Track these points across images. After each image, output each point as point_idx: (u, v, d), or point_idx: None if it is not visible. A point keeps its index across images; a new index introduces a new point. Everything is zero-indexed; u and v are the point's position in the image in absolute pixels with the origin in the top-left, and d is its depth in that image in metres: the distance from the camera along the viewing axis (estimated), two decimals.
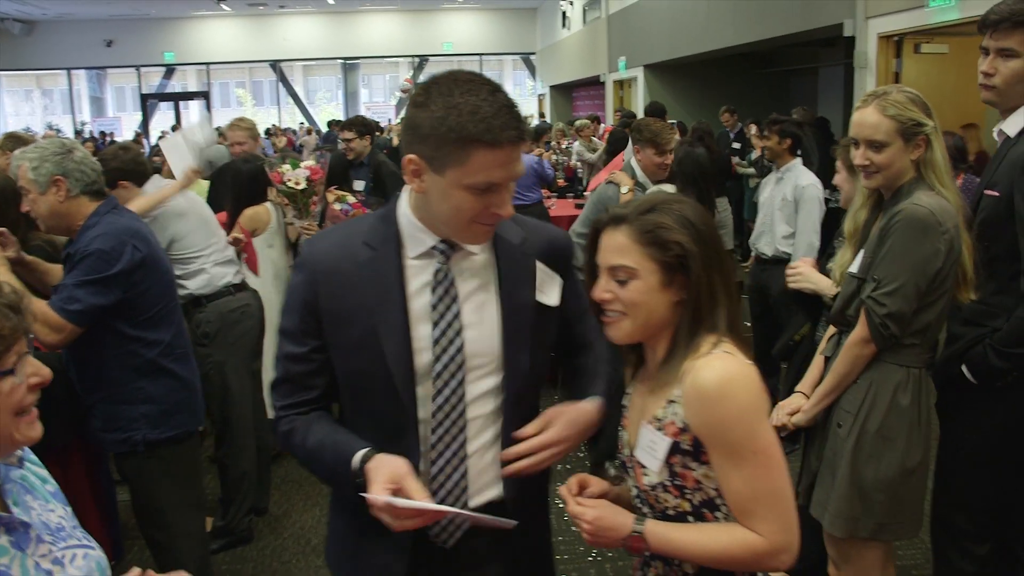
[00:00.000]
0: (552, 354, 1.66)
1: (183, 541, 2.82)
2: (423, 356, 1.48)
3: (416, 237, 1.49)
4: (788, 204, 4.51)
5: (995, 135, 2.39)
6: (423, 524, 1.39)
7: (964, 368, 2.32)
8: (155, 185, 3.62)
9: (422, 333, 1.48)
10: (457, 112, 1.32)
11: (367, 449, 1.44)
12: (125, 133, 22.41)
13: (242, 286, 3.72)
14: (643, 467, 1.45)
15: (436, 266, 1.49)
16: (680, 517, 1.44)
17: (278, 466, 4.49)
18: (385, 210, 1.55)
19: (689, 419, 1.38)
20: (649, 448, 1.43)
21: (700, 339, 1.41)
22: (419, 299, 1.49)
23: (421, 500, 1.34)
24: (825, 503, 2.28)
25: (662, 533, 1.40)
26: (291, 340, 1.54)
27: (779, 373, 5.14)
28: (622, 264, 1.41)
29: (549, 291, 1.56)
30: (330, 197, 4.10)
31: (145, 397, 2.65)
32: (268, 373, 4.33)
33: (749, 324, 5.24)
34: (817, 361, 2.45)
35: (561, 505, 1.50)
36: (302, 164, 4.05)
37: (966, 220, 2.19)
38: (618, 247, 1.41)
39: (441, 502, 1.51)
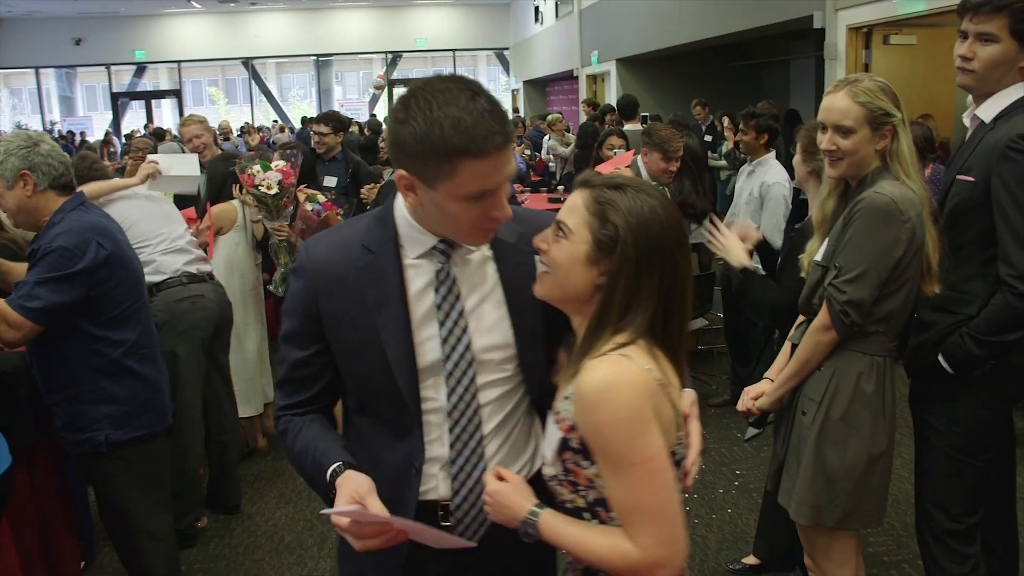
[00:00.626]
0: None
1: (149, 543, 2.77)
2: (428, 356, 1.48)
3: (414, 238, 1.48)
4: (754, 200, 4.56)
5: (966, 121, 2.37)
6: (385, 544, 1.38)
7: (941, 358, 2.29)
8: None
9: (427, 334, 1.48)
10: (439, 127, 1.28)
11: (338, 464, 1.44)
12: (96, 132, 22.15)
13: (198, 277, 3.65)
14: (543, 457, 1.45)
15: (437, 266, 1.48)
16: (576, 512, 1.41)
17: (251, 463, 4.46)
18: (382, 211, 1.54)
19: (576, 419, 1.34)
20: (549, 438, 1.42)
21: (605, 336, 1.36)
22: (422, 300, 1.48)
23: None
24: (791, 491, 2.29)
25: (554, 525, 1.38)
26: (294, 344, 1.54)
27: (751, 363, 5.17)
28: (564, 221, 1.39)
29: None
30: (300, 196, 4.04)
31: (108, 397, 2.59)
32: (247, 369, 4.30)
33: (721, 315, 5.27)
34: (785, 348, 2.45)
35: None
36: (273, 165, 3.94)
37: (932, 212, 2.19)
38: (571, 206, 1.40)
39: (467, 489, 1.52)
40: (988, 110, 2.27)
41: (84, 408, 2.59)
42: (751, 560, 3.25)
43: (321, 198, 4.11)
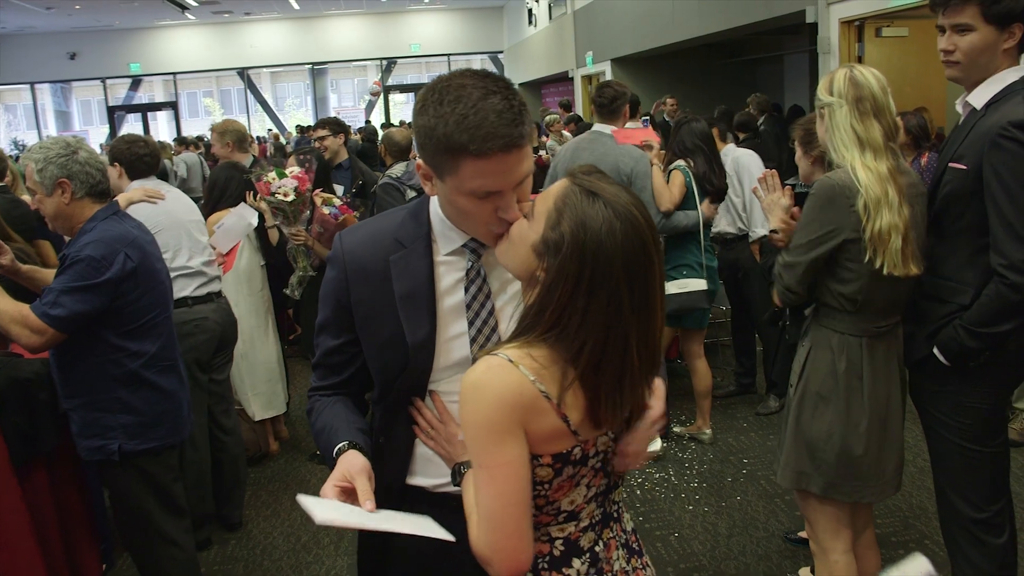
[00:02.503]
0: None
1: (163, 548, 2.79)
2: (455, 353, 1.50)
3: (447, 235, 1.50)
4: (731, 178, 4.71)
5: (959, 107, 2.39)
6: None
7: (936, 350, 2.31)
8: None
9: (455, 330, 1.50)
10: (444, 122, 1.29)
11: (344, 443, 1.49)
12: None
13: (203, 299, 3.63)
14: None
15: (468, 263, 1.50)
16: None
17: (264, 467, 4.52)
18: (416, 207, 1.56)
19: None
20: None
21: (532, 334, 1.31)
22: (452, 296, 1.50)
23: (365, 501, 1.36)
24: (778, 456, 2.49)
25: (466, 482, 1.42)
26: (327, 332, 1.60)
27: (755, 355, 5.24)
28: (535, 202, 1.36)
29: None
30: (317, 200, 4.10)
31: (124, 407, 2.62)
32: (246, 379, 4.35)
33: (726, 308, 5.33)
34: None
35: None
36: (288, 172, 3.99)
37: (908, 195, 2.25)
38: (548, 192, 1.35)
39: None
40: (979, 96, 2.28)
41: (100, 416, 2.61)
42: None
43: (337, 201, 4.14)
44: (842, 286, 2.28)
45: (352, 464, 1.43)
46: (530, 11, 19.82)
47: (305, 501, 1.31)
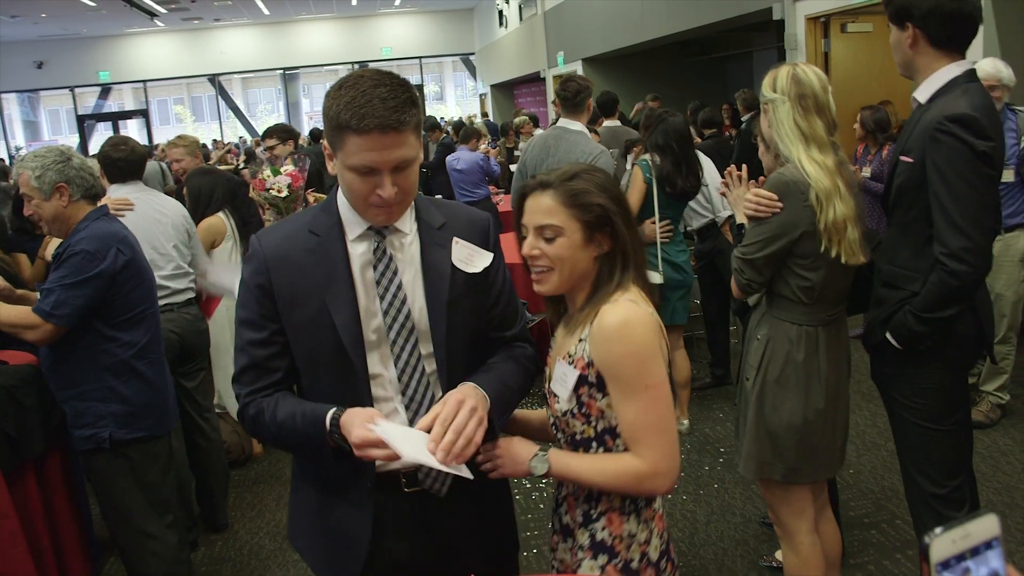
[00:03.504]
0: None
1: (148, 543, 2.84)
2: (372, 324, 1.62)
3: (353, 221, 1.65)
4: None
5: (912, 102, 2.48)
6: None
7: (888, 335, 2.41)
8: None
9: (371, 308, 1.63)
10: (338, 103, 1.50)
11: (335, 408, 1.56)
12: None
13: (163, 308, 3.48)
14: (556, 396, 1.65)
15: (374, 244, 1.64)
16: (585, 442, 1.64)
17: (248, 469, 4.56)
18: (326, 201, 1.70)
19: (593, 355, 1.58)
20: (561, 380, 1.63)
21: (613, 287, 1.61)
22: (365, 275, 1.64)
23: (418, 428, 1.49)
24: (739, 449, 2.54)
25: (563, 457, 1.62)
26: (252, 327, 1.64)
27: (729, 347, 5.33)
28: (549, 223, 1.59)
29: (473, 262, 1.71)
30: (311, 199, 4.19)
31: (114, 396, 2.70)
32: (226, 388, 4.37)
33: (699, 302, 5.42)
34: None
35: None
36: (283, 170, 4.15)
37: (854, 186, 2.37)
38: (546, 209, 1.60)
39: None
40: (923, 91, 2.38)
41: (91, 405, 2.70)
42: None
43: None
44: (800, 279, 2.37)
45: (369, 411, 1.53)
46: (501, 12, 19.90)
47: (384, 429, 1.45)
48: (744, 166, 2.72)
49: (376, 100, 1.48)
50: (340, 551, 1.71)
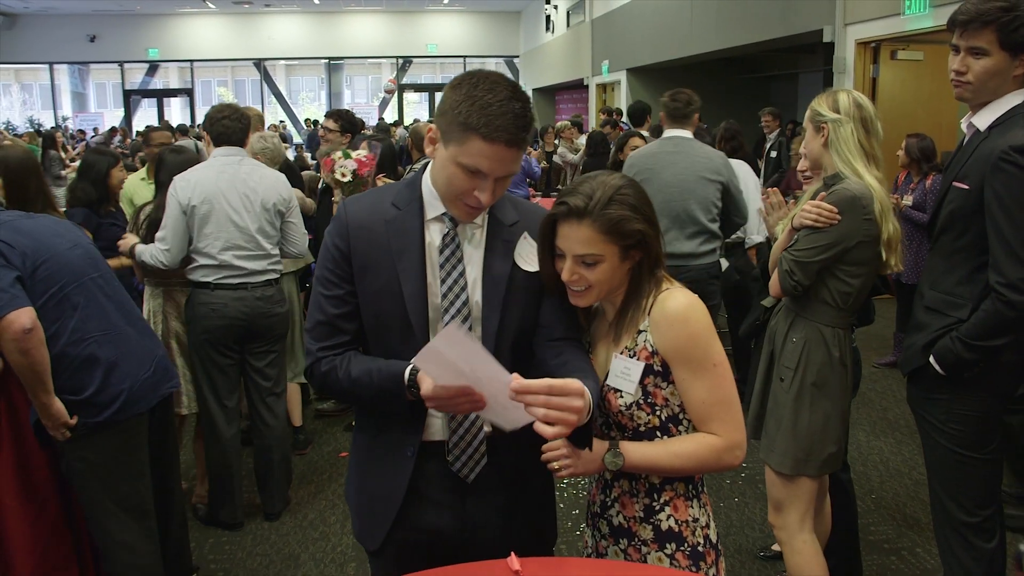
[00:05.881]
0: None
1: (116, 551, 2.68)
2: (432, 302, 1.70)
3: (433, 203, 1.72)
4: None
5: (963, 127, 2.47)
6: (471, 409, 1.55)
7: (932, 360, 2.40)
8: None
9: (434, 285, 1.70)
10: (471, 102, 1.54)
11: (412, 365, 1.62)
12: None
13: (232, 287, 3.59)
14: (618, 391, 1.68)
15: (446, 229, 1.71)
16: (650, 432, 1.69)
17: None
18: (413, 177, 1.78)
19: (657, 343, 1.64)
20: (623, 374, 1.68)
21: (656, 282, 1.68)
22: (432, 255, 1.71)
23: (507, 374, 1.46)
24: (771, 447, 2.62)
25: (636, 447, 1.65)
26: (327, 284, 1.72)
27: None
28: (590, 252, 1.62)
29: (532, 261, 1.74)
30: (380, 184, 4.28)
31: (64, 388, 2.50)
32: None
33: (725, 316, 5.43)
34: None
35: None
36: (354, 154, 4.24)
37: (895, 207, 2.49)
38: (584, 239, 1.62)
39: (461, 432, 1.72)
40: (983, 118, 2.36)
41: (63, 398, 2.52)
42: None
43: None
44: (842, 284, 2.49)
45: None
46: (548, 17, 19.95)
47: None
48: (775, 189, 2.88)
49: (511, 115, 1.54)
50: (374, 511, 1.78)
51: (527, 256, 1.74)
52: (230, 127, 3.66)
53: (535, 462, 1.72)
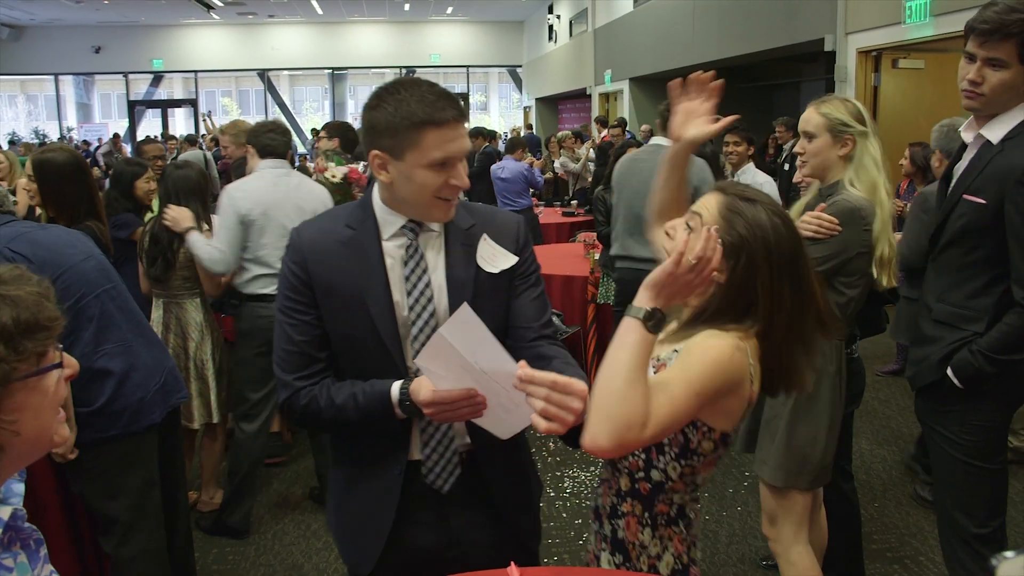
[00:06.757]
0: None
1: (126, 565, 2.64)
2: (400, 317, 1.69)
3: (388, 220, 1.70)
4: None
5: (966, 137, 2.40)
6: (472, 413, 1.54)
7: (950, 372, 2.37)
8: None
9: (401, 300, 1.69)
10: (406, 103, 1.56)
11: (403, 380, 1.62)
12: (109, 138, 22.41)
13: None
14: None
15: (407, 242, 1.70)
16: (658, 444, 1.61)
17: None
18: (362, 199, 1.77)
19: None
20: None
21: (724, 322, 1.54)
22: (394, 271, 1.69)
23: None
24: (765, 459, 2.61)
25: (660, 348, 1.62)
26: (291, 313, 1.70)
27: None
28: (697, 212, 1.61)
29: (495, 262, 1.75)
30: None
31: (76, 402, 2.47)
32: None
33: None
34: None
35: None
36: (348, 167, 4.39)
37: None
38: (706, 204, 1.61)
39: (433, 444, 1.73)
40: (995, 131, 2.30)
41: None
42: None
43: None
44: (839, 296, 2.46)
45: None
46: (551, 27, 20.03)
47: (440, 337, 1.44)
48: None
49: (443, 95, 1.58)
50: (365, 532, 1.77)
51: (489, 257, 1.74)
52: (276, 140, 3.73)
53: (514, 472, 1.79)
